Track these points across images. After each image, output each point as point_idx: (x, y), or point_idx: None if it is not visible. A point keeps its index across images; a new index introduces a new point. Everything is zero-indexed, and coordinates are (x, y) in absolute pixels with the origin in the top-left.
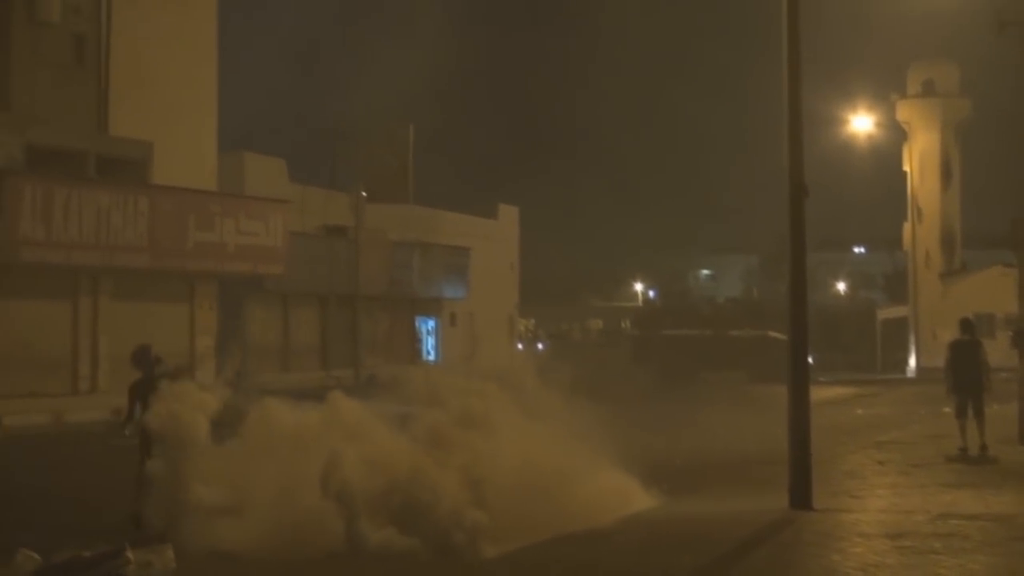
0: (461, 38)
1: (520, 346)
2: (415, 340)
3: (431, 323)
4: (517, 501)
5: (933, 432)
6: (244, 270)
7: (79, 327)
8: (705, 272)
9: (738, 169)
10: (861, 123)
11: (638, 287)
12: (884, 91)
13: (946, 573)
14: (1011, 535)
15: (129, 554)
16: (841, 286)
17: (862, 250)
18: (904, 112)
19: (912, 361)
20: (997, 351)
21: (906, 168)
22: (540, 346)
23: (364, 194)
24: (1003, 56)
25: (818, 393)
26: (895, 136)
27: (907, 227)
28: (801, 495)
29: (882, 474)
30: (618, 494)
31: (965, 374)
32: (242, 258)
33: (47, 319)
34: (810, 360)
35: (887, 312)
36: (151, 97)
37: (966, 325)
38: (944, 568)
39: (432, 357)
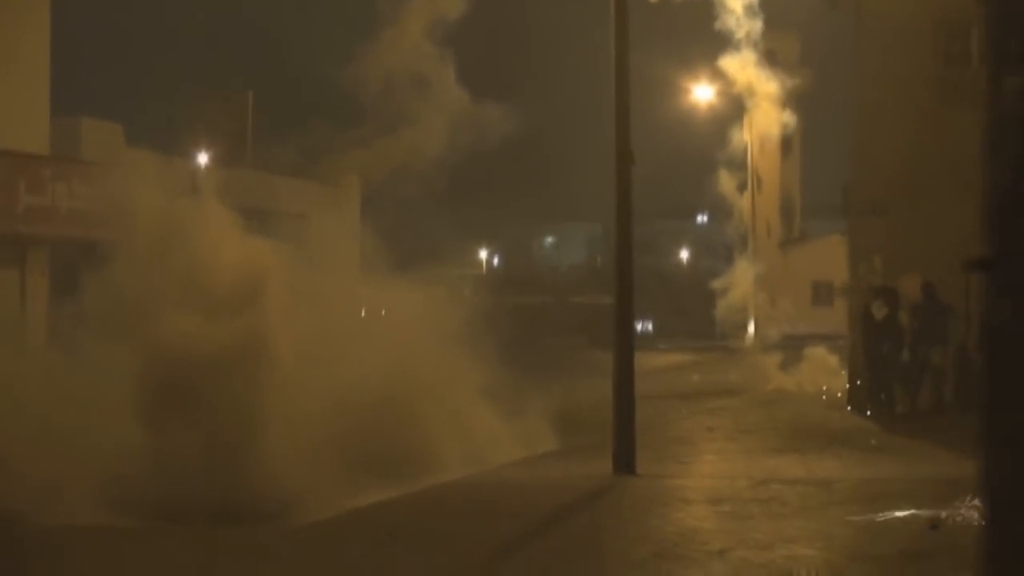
0: None
1: (363, 312)
2: None
3: None
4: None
5: (764, 399)
6: (77, 236)
7: None
8: (549, 239)
9: (585, 138)
10: (703, 92)
11: (482, 255)
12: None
13: (761, 537)
14: (829, 499)
15: None
16: (684, 254)
17: (705, 219)
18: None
19: (751, 328)
20: (835, 319)
21: (746, 138)
22: (383, 312)
23: (202, 160)
24: (840, 29)
25: (656, 360)
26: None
27: (746, 196)
28: (625, 460)
29: (710, 440)
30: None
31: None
32: (75, 223)
33: None
34: (650, 327)
35: (727, 280)
36: None
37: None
38: (760, 532)
39: None
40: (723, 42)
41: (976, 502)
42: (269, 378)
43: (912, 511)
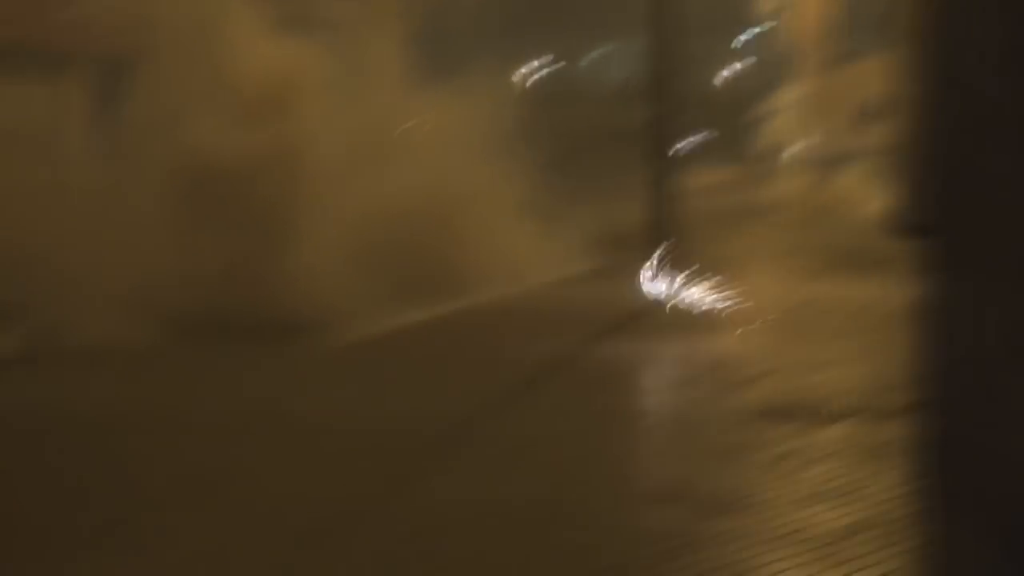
0: None
1: (404, 126)
2: None
3: None
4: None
5: (805, 219)
6: (116, 48)
7: None
8: (597, 53)
9: None
10: None
11: (526, 69)
12: None
13: (795, 362)
14: (867, 324)
15: None
16: (731, 70)
17: (753, 35)
18: None
19: (795, 147)
20: (880, 138)
21: None
22: (423, 125)
23: None
24: None
25: (697, 179)
26: None
27: (792, 13)
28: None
29: (748, 261)
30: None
31: None
32: (114, 36)
33: None
34: (692, 145)
35: (771, 98)
36: None
37: None
38: (794, 357)
39: None
40: None
41: None
42: (303, 188)
43: None
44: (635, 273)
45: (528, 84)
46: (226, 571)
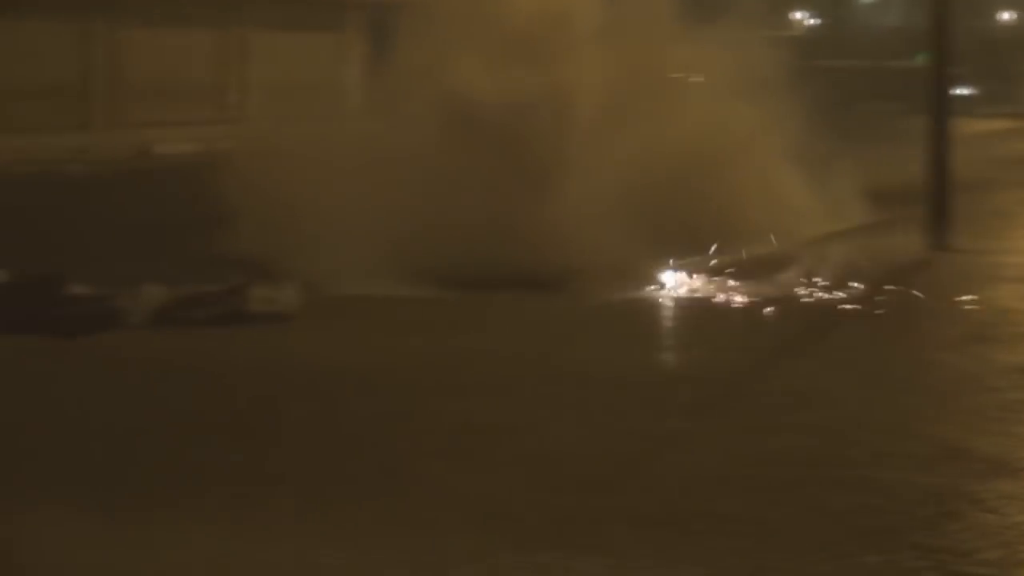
0: None
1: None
2: None
3: None
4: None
5: None
6: None
7: (224, 56)
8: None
9: None
10: None
11: (796, 15)
12: None
13: None
14: None
15: (253, 289)
16: (1007, 15)
17: None
18: None
19: None
20: None
21: None
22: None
23: None
24: None
25: (974, 125)
26: None
27: None
28: (938, 234)
29: None
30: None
31: None
32: None
33: (192, 48)
34: (971, 91)
35: None
36: None
37: None
38: None
39: None
40: None
41: None
42: (570, 136)
43: None
44: (910, 225)
45: (799, 31)
46: (501, 522)
